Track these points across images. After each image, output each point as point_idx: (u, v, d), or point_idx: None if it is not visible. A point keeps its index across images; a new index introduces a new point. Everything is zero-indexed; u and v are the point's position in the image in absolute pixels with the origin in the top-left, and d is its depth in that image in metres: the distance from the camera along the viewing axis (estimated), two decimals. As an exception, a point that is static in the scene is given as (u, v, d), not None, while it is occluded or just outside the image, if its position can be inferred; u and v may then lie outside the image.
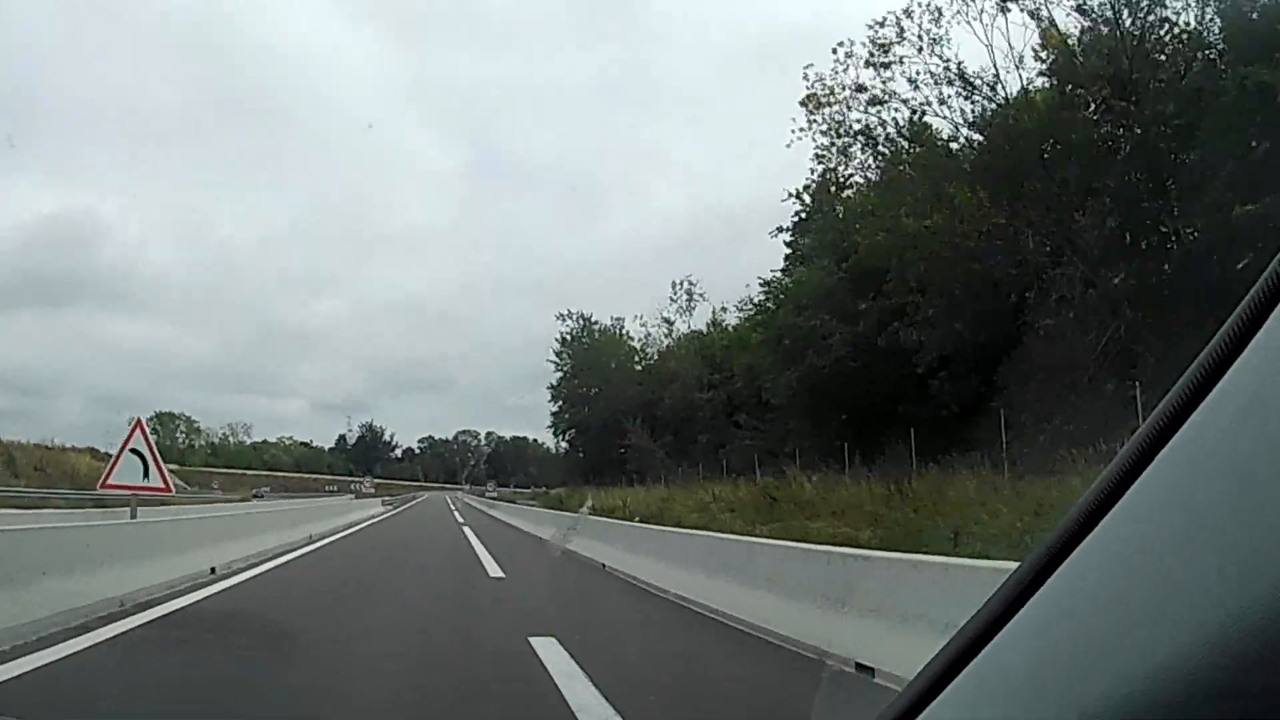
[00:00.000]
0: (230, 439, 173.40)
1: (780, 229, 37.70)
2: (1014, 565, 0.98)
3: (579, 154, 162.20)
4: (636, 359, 58.58)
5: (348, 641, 6.94)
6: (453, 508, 49.51)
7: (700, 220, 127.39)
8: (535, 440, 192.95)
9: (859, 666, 5.66)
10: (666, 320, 55.48)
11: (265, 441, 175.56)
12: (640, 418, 44.68)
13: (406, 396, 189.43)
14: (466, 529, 25.59)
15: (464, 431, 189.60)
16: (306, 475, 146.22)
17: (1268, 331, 0.72)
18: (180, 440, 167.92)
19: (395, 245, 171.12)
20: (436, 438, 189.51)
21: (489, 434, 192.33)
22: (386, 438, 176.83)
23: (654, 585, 10.67)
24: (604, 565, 13.99)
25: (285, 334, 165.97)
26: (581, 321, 60.88)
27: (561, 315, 61.79)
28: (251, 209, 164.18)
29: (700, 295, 54.50)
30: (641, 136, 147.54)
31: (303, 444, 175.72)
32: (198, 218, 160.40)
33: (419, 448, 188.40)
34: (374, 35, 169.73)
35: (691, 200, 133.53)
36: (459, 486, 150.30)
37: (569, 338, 61.04)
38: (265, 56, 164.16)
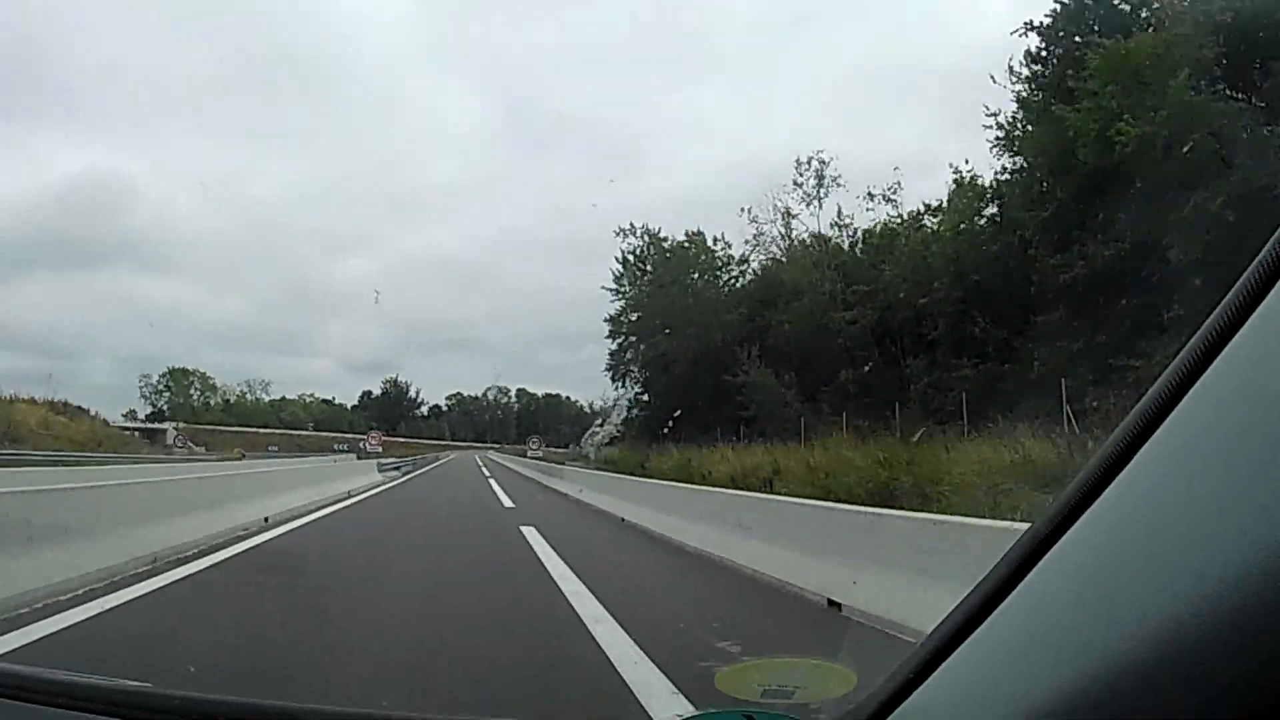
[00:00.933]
0: (248, 396, 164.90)
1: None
2: (1025, 526, 1.00)
3: (613, 111, 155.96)
4: (732, 274, 46.21)
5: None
6: (488, 474, 39.12)
7: (736, 179, 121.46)
8: (569, 398, 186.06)
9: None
10: (785, 213, 40.80)
11: (284, 399, 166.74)
12: (756, 347, 32.66)
13: (436, 356, 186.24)
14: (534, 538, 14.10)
15: (494, 388, 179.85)
16: (325, 434, 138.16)
17: (1260, 317, 0.74)
18: (195, 397, 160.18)
19: (426, 204, 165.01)
20: (466, 394, 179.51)
21: (520, 390, 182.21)
22: (412, 394, 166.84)
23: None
24: None
25: (315, 294, 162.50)
26: (647, 238, 48.90)
27: (621, 230, 49.60)
28: (282, 168, 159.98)
29: (835, 180, 39.87)
30: (677, 93, 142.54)
31: (324, 401, 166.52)
32: (227, 177, 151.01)
33: (447, 405, 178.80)
34: None
35: (728, 158, 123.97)
36: (489, 445, 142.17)
37: (631, 257, 49.04)
38: (296, 13, 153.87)
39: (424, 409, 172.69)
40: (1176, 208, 18.90)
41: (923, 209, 34.46)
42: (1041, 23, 27.13)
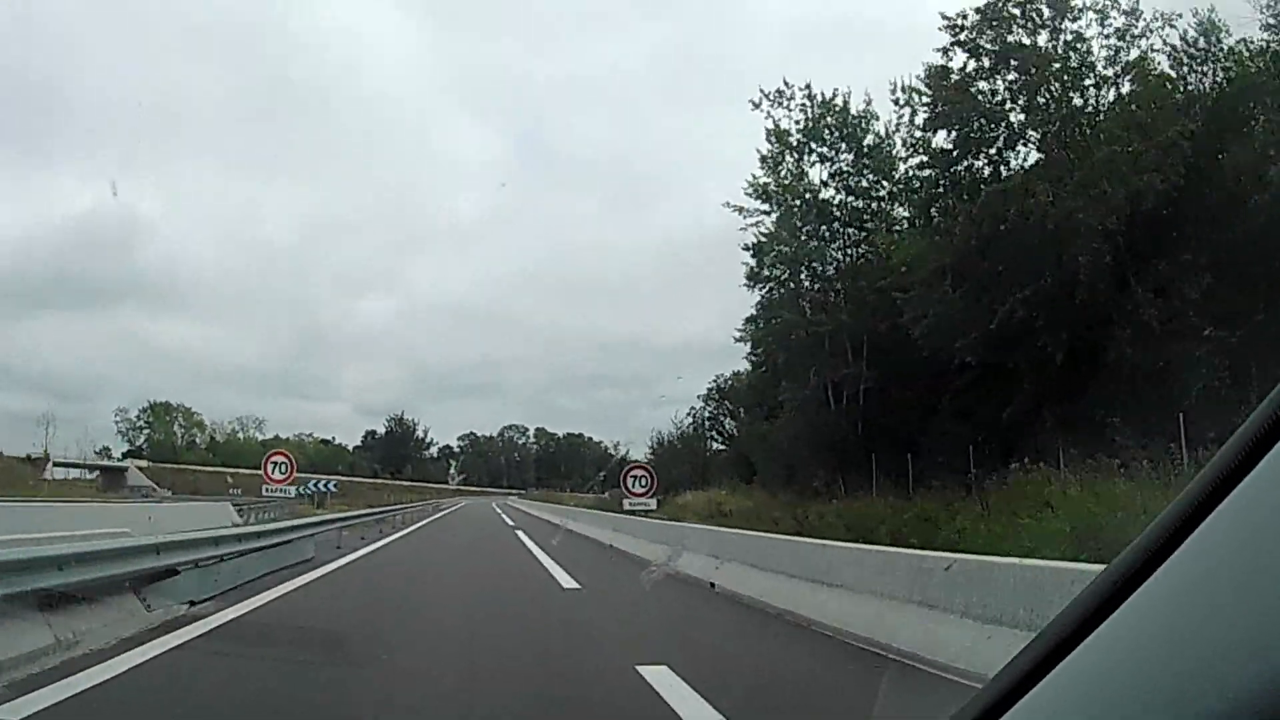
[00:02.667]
0: (240, 434, 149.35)
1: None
2: (1097, 569, 0.99)
3: (631, 150, 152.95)
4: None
5: None
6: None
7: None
8: (591, 438, 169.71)
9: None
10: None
11: (277, 438, 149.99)
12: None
13: (450, 401, 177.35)
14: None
15: (510, 427, 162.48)
16: (325, 475, 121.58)
17: None
18: (179, 435, 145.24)
19: (440, 243, 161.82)
20: (479, 434, 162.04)
21: (539, 430, 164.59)
22: (420, 433, 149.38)
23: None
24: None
25: (328, 336, 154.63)
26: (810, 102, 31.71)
27: (769, 97, 33.48)
28: (294, 206, 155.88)
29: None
30: (694, 130, 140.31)
31: (322, 441, 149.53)
32: (238, 215, 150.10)
33: (458, 446, 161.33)
34: (419, 27, 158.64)
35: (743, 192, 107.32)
36: (508, 490, 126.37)
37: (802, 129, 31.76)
38: (308, 49, 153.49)
39: (433, 449, 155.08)
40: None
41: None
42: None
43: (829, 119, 31.97)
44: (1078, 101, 24.86)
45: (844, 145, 32.09)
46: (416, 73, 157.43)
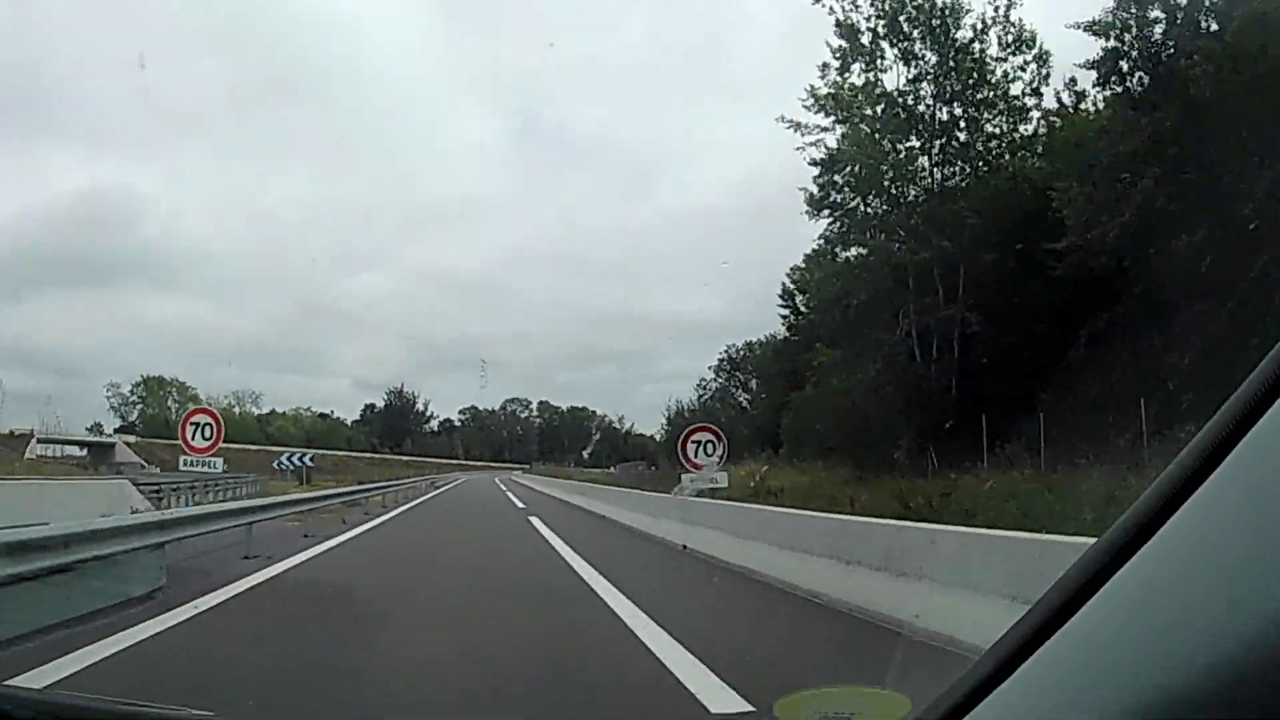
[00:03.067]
0: (236, 409, 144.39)
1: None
2: (1092, 540, 0.96)
3: (629, 128, 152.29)
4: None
5: None
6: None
7: (752, 194, 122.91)
8: (595, 412, 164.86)
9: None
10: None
11: (274, 412, 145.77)
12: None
13: (450, 375, 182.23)
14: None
15: (512, 400, 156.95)
16: (321, 450, 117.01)
17: None
18: (173, 410, 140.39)
19: (441, 220, 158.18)
20: (480, 408, 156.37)
21: (542, 403, 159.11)
22: (420, 407, 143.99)
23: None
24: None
25: (328, 311, 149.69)
26: None
27: None
28: (294, 183, 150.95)
29: None
30: (693, 109, 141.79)
31: (320, 415, 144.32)
32: (238, 192, 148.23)
33: (459, 420, 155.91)
34: (421, 4, 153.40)
35: (744, 174, 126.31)
36: (511, 465, 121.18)
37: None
38: (309, 28, 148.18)
39: (434, 424, 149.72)
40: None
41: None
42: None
43: (909, 8, 26.07)
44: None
45: (929, 42, 26.29)
46: (418, 50, 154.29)
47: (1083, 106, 24.59)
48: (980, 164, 27.37)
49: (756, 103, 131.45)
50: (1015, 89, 26.67)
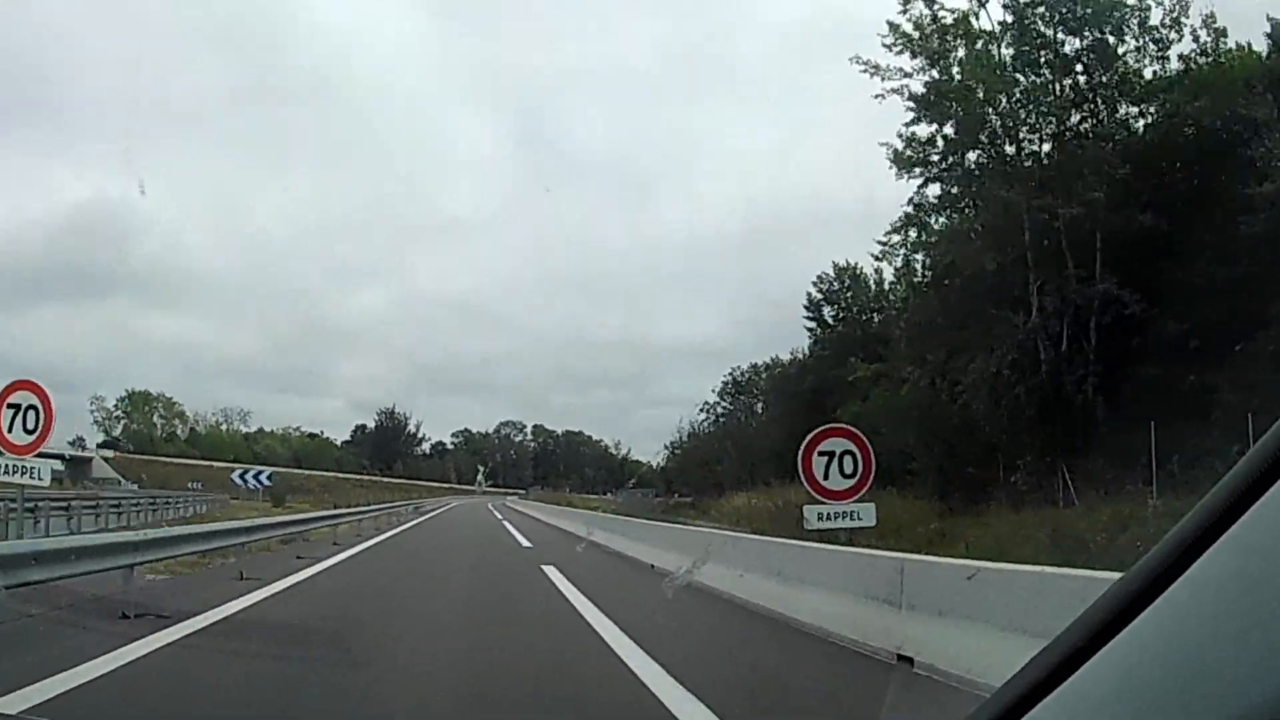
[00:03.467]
0: (224, 427, 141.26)
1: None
2: (1114, 577, 0.95)
3: (630, 145, 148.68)
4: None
5: None
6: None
7: (758, 214, 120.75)
8: (592, 437, 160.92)
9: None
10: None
11: (261, 430, 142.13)
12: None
13: (445, 397, 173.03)
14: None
15: (506, 423, 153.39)
16: (308, 471, 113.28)
17: None
18: (160, 426, 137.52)
19: (438, 237, 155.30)
20: (474, 431, 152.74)
21: (536, 427, 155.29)
22: (411, 428, 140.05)
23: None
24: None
25: (323, 330, 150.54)
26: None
27: None
28: (288, 201, 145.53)
29: None
30: (696, 127, 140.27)
31: (310, 435, 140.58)
32: (234, 207, 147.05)
33: (452, 443, 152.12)
34: (419, 18, 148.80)
35: (749, 193, 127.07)
36: (505, 490, 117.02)
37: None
38: (304, 40, 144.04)
39: (425, 446, 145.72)
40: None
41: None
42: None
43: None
44: None
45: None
46: (416, 65, 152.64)
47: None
48: (1119, 104, 23.08)
49: (764, 118, 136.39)
50: (1154, 18, 22.94)
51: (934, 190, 24.90)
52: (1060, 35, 23.03)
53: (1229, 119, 19.67)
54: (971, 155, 23.87)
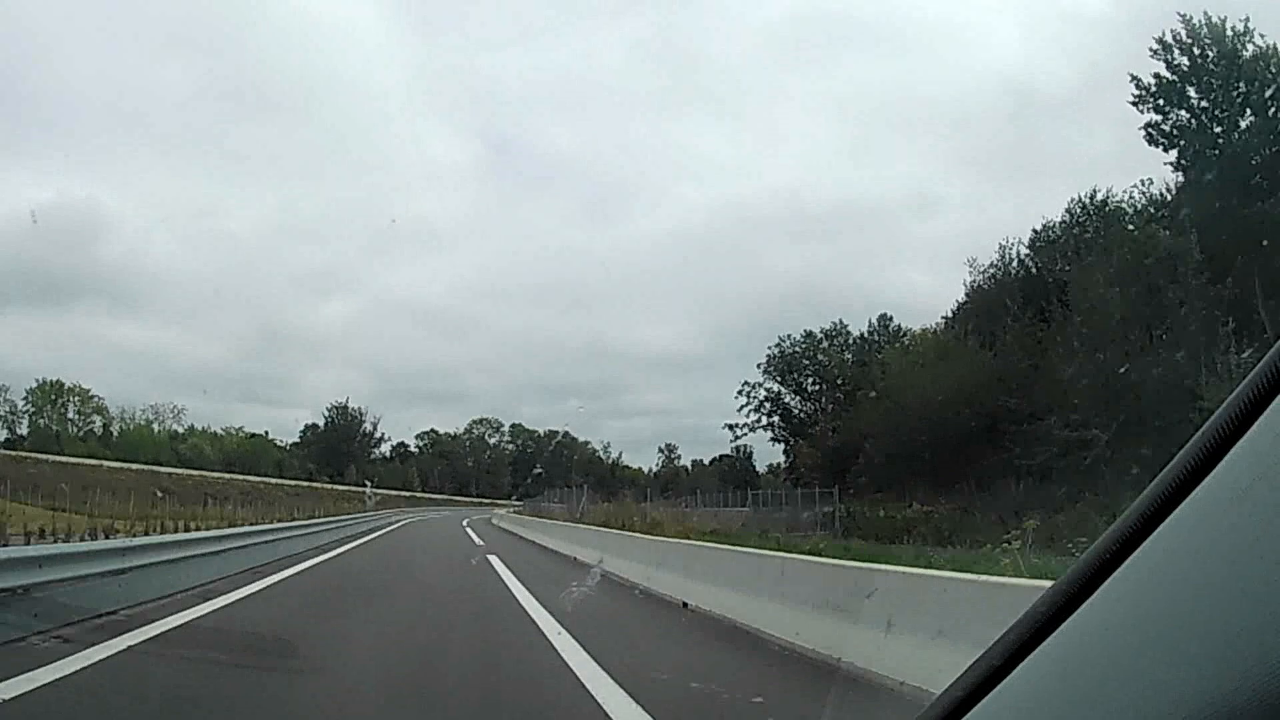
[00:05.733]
0: (155, 425, 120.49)
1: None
2: (1047, 585, 0.97)
3: (602, 149, 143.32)
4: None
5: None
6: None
7: (727, 220, 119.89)
8: (577, 439, 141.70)
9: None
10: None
11: (193, 429, 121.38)
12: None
13: (414, 408, 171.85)
14: None
15: (480, 422, 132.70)
16: (240, 476, 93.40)
17: (1274, 409, 0.75)
18: (75, 422, 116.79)
19: (406, 244, 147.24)
20: (441, 432, 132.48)
21: (514, 427, 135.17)
22: (368, 426, 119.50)
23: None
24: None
25: (286, 340, 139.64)
26: None
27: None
28: (256, 203, 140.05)
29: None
30: (666, 133, 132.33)
31: (250, 435, 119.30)
32: (198, 212, 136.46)
33: (417, 446, 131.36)
34: (390, 25, 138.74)
35: (720, 199, 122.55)
36: (480, 500, 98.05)
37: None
38: (273, 43, 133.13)
39: (385, 448, 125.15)
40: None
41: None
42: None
43: None
44: None
45: None
46: (386, 72, 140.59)
47: None
48: None
49: (735, 125, 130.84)
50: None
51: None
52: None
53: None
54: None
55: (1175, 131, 39.13)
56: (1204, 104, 37.90)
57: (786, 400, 78.93)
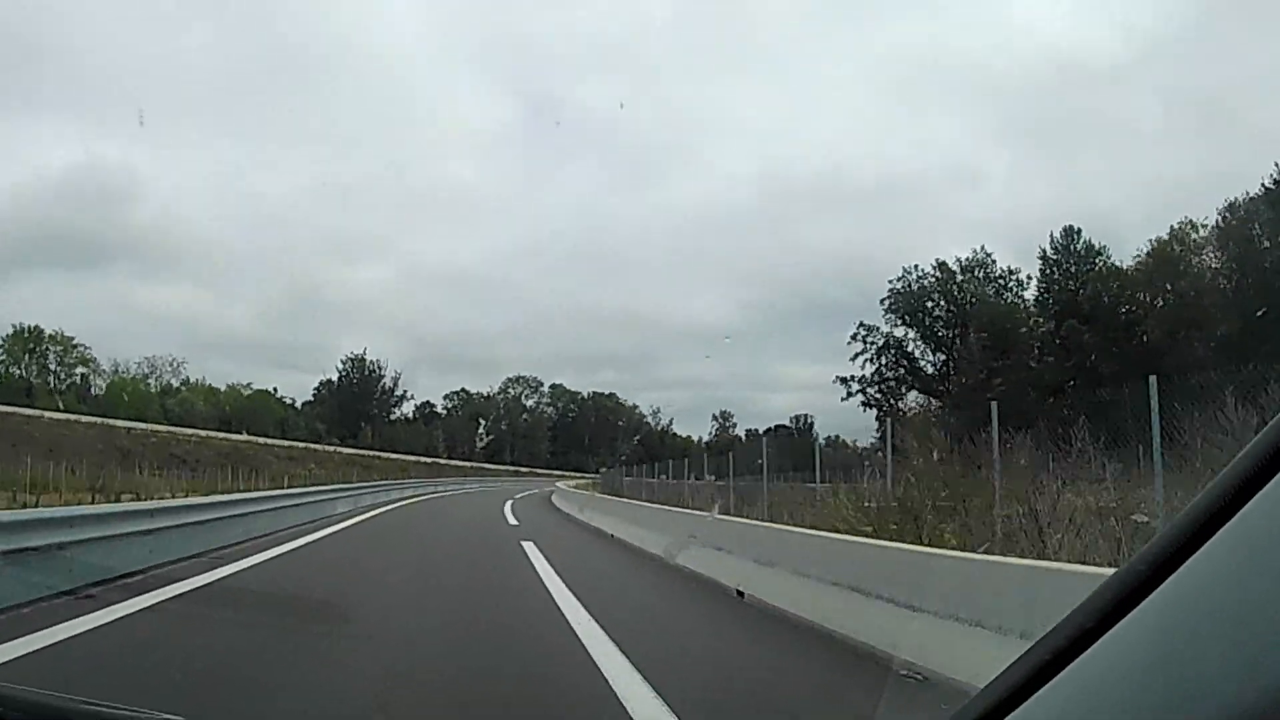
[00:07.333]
0: (152, 380, 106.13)
1: None
2: (1107, 572, 0.89)
3: (642, 113, 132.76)
4: None
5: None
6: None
7: (771, 188, 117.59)
8: (624, 402, 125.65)
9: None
10: None
11: (187, 382, 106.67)
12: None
13: (449, 375, 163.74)
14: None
15: (516, 380, 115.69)
16: (215, 435, 77.43)
17: None
18: (57, 373, 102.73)
19: (440, 213, 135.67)
20: (472, 392, 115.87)
21: (555, 387, 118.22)
22: (388, 382, 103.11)
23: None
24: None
25: (322, 304, 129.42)
26: None
27: None
28: (289, 167, 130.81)
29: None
30: (708, 97, 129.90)
31: (259, 391, 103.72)
32: (232, 175, 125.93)
33: (445, 407, 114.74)
34: None
35: (762, 167, 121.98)
36: (517, 469, 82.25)
37: None
38: (309, 7, 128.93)
39: (408, 407, 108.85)
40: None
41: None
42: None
43: None
44: None
45: None
46: (421, 30, 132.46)
47: None
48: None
49: (779, 90, 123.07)
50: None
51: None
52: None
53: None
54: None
55: None
56: None
57: (910, 348, 61.20)
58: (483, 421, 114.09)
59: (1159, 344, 44.31)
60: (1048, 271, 57.05)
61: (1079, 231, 56.96)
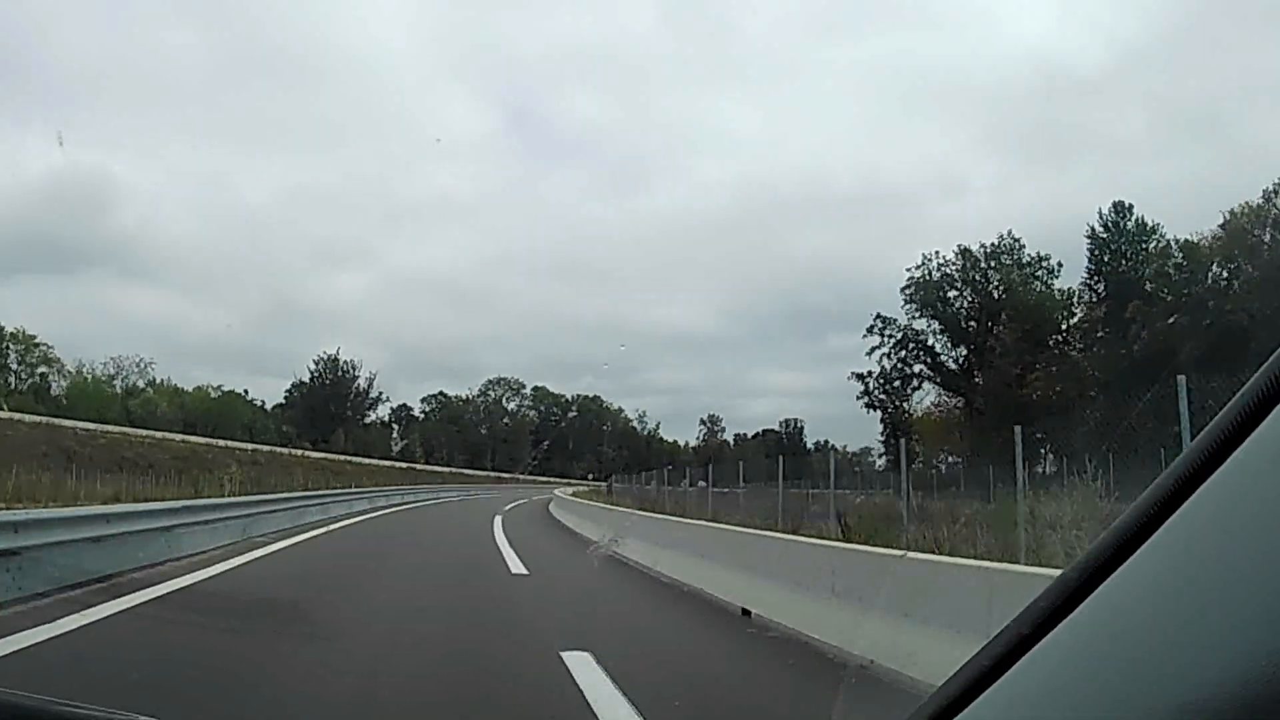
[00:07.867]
0: (118, 381, 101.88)
1: None
2: (1057, 572, 0.96)
3: (624, 122, 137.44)
4: None
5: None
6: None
7: (752, 197, 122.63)
8: (610, 405, 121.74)
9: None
10: None
11: (153, 382, 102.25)
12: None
13: (428, 382, 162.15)
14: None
15: (497, 382, 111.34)
16: (191, 440, 72.66)
17: None
18: (18, 373, 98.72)
19: (420, 221, 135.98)
20: (450, 395, 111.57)
21: (537, 389, 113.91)
22: (361, 383, 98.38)
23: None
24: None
25: (296, 312, 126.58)
26: None
27: None
28: (270, 174, 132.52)
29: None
30: (693, 105, 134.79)
31: (227, 393, 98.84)
32: (212, 182, 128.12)
33: (423, 411, 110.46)
34: None
35: (743, 175, 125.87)
36: (500, 475, 78.23)
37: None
38: (288, 10, 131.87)
39: (383, 410, 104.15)
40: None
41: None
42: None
43: None
44: None
45: None
46: (404, 37, 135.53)
47: None
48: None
49: (759, 99, 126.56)
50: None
51: None
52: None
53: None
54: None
55: None
56: None
57: (925, 340, 57.37)
58: (462, 426, 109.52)
59: (1239, 325, 40.52)
60: (1096, 253, 53.58)
61: (1130, 208, 53.64)
